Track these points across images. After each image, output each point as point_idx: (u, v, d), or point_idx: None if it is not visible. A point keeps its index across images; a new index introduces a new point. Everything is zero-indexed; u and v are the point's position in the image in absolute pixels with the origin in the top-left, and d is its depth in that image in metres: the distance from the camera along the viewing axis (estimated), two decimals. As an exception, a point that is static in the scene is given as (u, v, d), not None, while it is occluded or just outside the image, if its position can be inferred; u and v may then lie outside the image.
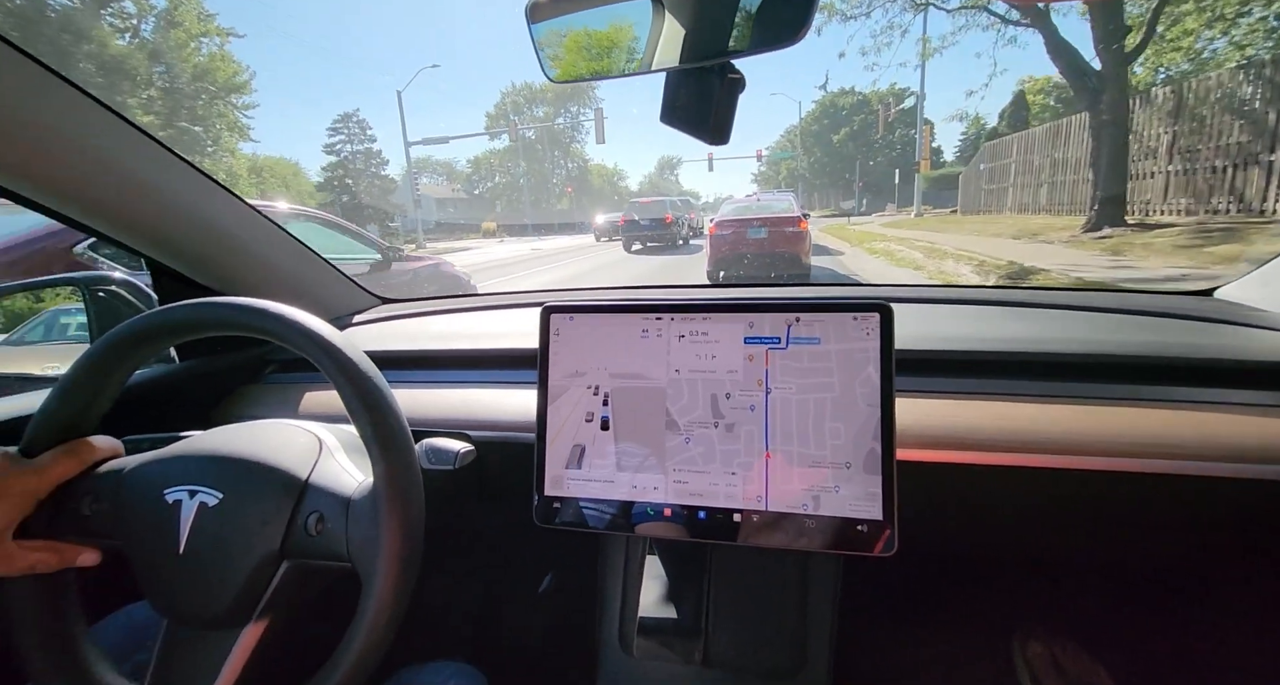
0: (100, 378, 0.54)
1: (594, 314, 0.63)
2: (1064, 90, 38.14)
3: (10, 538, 0.49)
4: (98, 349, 0.53)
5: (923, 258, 8.30)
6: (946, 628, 1.06)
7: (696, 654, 0.71)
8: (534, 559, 1.16)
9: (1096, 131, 8.60)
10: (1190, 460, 0.60)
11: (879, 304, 0.55)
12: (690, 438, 0.59)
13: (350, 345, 0.51)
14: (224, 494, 0.49)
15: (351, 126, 28.96)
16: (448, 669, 0.65)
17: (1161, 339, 0.73)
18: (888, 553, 0.53)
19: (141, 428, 0.65)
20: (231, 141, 23.54)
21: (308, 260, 1.03)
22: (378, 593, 0.45)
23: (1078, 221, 10.25)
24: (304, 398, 0.89)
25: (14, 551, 0.49)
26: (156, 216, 0.78)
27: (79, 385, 0.53)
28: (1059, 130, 12.36)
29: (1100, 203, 8.50)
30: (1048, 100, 35.72)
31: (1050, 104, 34.73)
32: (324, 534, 0.49)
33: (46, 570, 0.51)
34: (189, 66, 21.85)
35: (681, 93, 0.52)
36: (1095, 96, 8.35)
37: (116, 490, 0.52)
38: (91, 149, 0.67)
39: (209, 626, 0.49)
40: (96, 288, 1.03)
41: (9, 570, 0.49)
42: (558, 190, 59.68)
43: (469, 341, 0.93)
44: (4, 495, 0.48)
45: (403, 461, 0.48)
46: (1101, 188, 8.51)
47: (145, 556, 0.50)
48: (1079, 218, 10.88)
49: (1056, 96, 35.97)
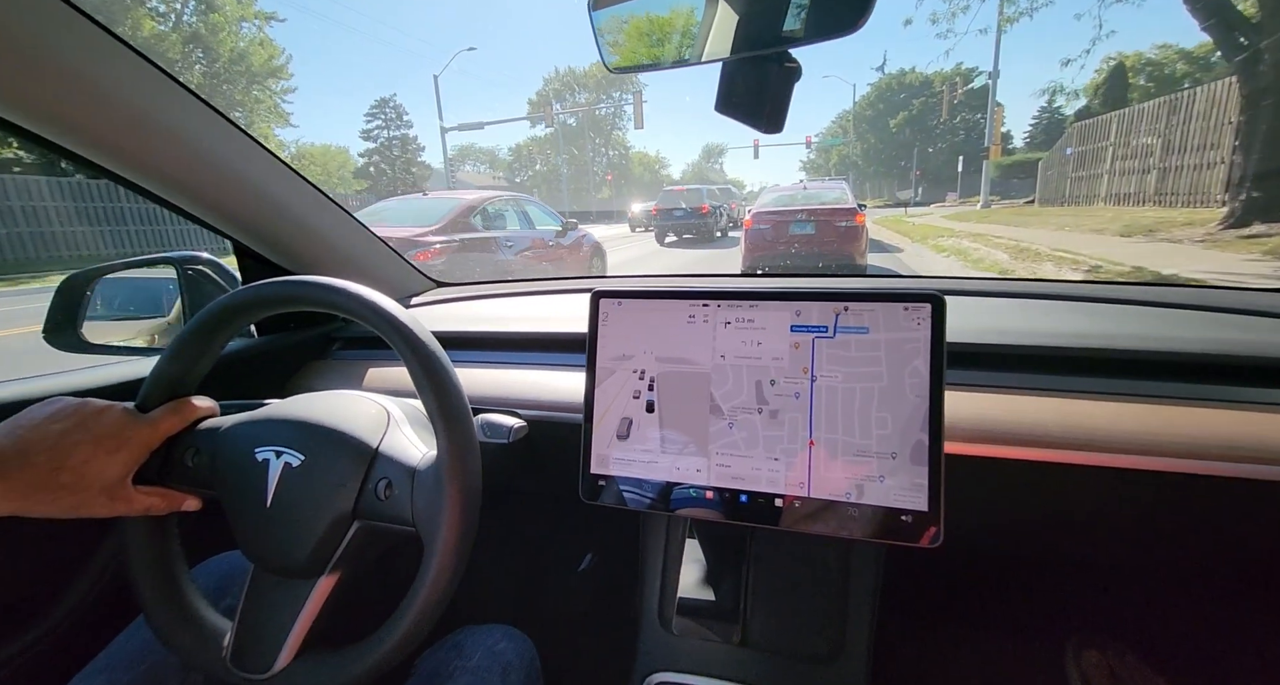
0: (203, 344, 0.59)
1: (642, 299, 0.64)
2: (1157, 68, 34.02)
3: (130, 483, 0.54)
4: (203, 317, 0.58)
5: (1008, 260, 6.75)
6: (993, 629, 1.05)
7: (735, 635, 0.75)
8: (580, 534, 1.23)
9: (1251, 101, 6.73)
10: (1269, 465, 0.57)
11: (931, 294, 0.54)
12: (734, 423, 0.59)
13: (419, 324, 0.54)
14: (305, 456, 0.54)
15: (388, 112, 28.70)
16: (499, 631, 0.68)
17: (1241, 337, 0.69)
18: (934, 545, 0.52)
19: (228, 395, 0.67)
20: (267, 127, 23.55)
21: (373, 244, 1.07)
22: (439, 555, 0.48)
23: (1203, 214, 8.35)
24: (368, 373, 0.95)
25: (133, 495, 0.54)
26: (240, 201, 0.83)
27: (186, 349, 0.58)
28: (1178, 104, 10.29)
29: (1249, 193, 6.68)
30: (1137, 80, 31.96)
31: (1141, 84, 31.01)
32: (391, 499, 0.52)
33: (158, 513, 0.57)
34: (226, 50, 21.71)
35: (738, 82, 0.52)
36: (1250, 56, 6.52)
37: (214, 446, 0.57)
38: (191, 141, 0.73)
39: (289, 575, 0.53)
40: (188, 266, 1.10)
41: (129, 510, 0.54)
42: (598, 178, 58.85)
43: (520, 324, 0.96)
44: (125, 445, 0.53)
45: (464, 436, 0.51)
46: (1252, 173, 6.68)
47: (237, 507, 0.54)
48: (1204, 210, 8.93)
49: (1148, 75, 32.06)
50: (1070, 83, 31.86)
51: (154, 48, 19.43)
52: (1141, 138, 11.44)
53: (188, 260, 1.12)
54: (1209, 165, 9.37)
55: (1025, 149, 39.56)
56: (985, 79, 19.22)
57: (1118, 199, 12.29)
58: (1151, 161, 11.06)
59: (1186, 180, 9.92)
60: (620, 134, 60.50)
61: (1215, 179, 9.18)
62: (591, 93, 55.06)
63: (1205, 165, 9.45)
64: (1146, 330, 0.74)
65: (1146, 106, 11.54)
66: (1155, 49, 33.27)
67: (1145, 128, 11.35)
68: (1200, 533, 0.69)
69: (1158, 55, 32.89)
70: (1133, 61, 30.28)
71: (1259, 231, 6.28)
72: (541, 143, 57.49)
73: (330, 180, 31.43)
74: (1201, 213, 8.60)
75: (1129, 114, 12.32)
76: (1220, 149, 9.03)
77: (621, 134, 60.71)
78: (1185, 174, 9.98)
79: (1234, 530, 0.66)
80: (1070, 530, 0.73)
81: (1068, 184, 14.96)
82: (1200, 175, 9.58)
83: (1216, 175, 9.15)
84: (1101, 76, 26.70)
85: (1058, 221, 10.64)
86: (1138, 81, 29.91)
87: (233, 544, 0.56)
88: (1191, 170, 9.80)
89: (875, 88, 47.87)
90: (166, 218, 13.97)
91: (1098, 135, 13.47)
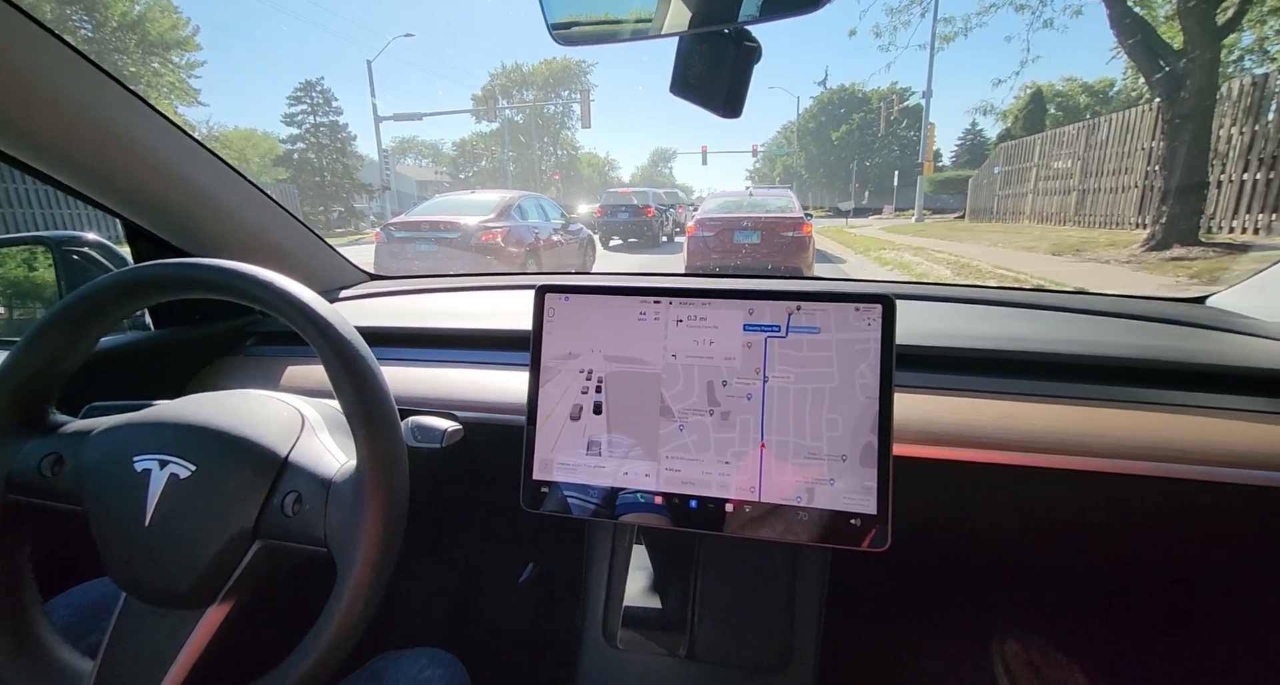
0: (71, 334, 0.51)
1: (590, 295, 0.61)
2: (1065, 98, 37.08)
3: None
4: (71, 302, 0.51)
5: (952, 276, 6.72)
6: (931, 628, 1.06)
7: (681, 647, 0.73)
8: (518, 544, 1.16)
9: (1172, 126, 6.97)
10: (1188, 464, 0.60)
11: (881, 295, 0.55)
12: (684, 425, 0.58)
13: (337, 315, 0.50)
14: (197, 466, 0.47)
15: (315, 96, 26.58)
16: (425, 656, 0.63)
17: (1159, 343, 0.74)
18: (879, 548, 0.52)
19: (111, 396, 0.61)
20: (169, 104, 21.05)
21: (295, 230, 1.00)
22: (353, 581, 0.43)
23: (1120, 236, 8.75)
24: (285, 371, 0.87)
25: None
26: (135, 174, 0.74)
27: (47, 339, 0.50)
28: (1095, 128, 10.81)
29: (1170, 215, 6.90)
30: (1048, 108, 34.49)
31: (1052, 112, 33.53)
32: (300, 515, 0.47)
33: None
34: (115, 14, 19.30)
35: (695, 61, 0.51)
36: (1172, 83, 6.74)
37: (80, 454, 0.50)
38: (65, 98, 0.62)
39: (170, 604, 0.47)
40: (69, 248, 0.97)
41: None
42: (545, 178, 57.74)
43: (460, 320, 0.92)
44: None
45: (388, 442, 0.47)
46: (1173, 197, 6.91)
47: (108, 526, 0.48)
48: (1120, 232, 9.38)
49: (1058, 104, 34.80)
50: (1000, 103, 34.14)
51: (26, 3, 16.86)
52: (1062, 161, 12.00)
53: (67, 241, 0.96)
54: (1123, 189, 9.85)
55: (952, 166, 41.93)
56: (919, 98, 20.04)
57: (1041, 217, 12.89)
58: (1072, 183, 11.62)
59: (1104, 202, 10.44)
60: (569, 134, 59.64)
61: (1129, 202, 9.66)
62: (539, 90, 53.95)
63: (1120, 189, 9.93)
64: (1074, 335, 0.77)
65: (1067, 130, 12.15)
66: (1063, 81, 36.27)
67: (1065, 151, 11.92)
68: (1118, 531, 0.72)
69: (1065, 86, 35.85)
70: (1046, 91, 32.71)
71: (1180, 254, 6.50)
72: (487, 139, 55.83)
73: (249, 168, 28.79)
74: (1121, 234, 9.01)
75: (1051, 137, 12.95)
76: (1133, 174, 9.50)
77: (570, 134, 59.87)
78: (1102, 196, 10.51)
79: (1152, 529, 0.70)
80: (1000, 531, 0.77)
81: (996, 201, 15.65)
82: (1115, 198, 10.09)
83: (1130, 199, 9.63)
84: (1021, 102, 28.58)
85: (990, 237, 10.99)
86: (1049, 110, 32.30)
87: (101, 571, 0.49)
88: (1108, 193, 10.31)
89: (818, 101, 49.45)
90: (35, 198, 11.88)
91: (1023, 156, 14.13)
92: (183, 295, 0.52)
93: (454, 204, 7.37)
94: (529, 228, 7.21)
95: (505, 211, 6.87)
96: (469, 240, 6.40)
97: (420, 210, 7.52)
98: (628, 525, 0.74)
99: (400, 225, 6.88)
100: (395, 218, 8.04)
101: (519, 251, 6.85)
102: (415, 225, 6.72)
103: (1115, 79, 29.70)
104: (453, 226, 6.48)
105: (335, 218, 24.88)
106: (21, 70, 0.58)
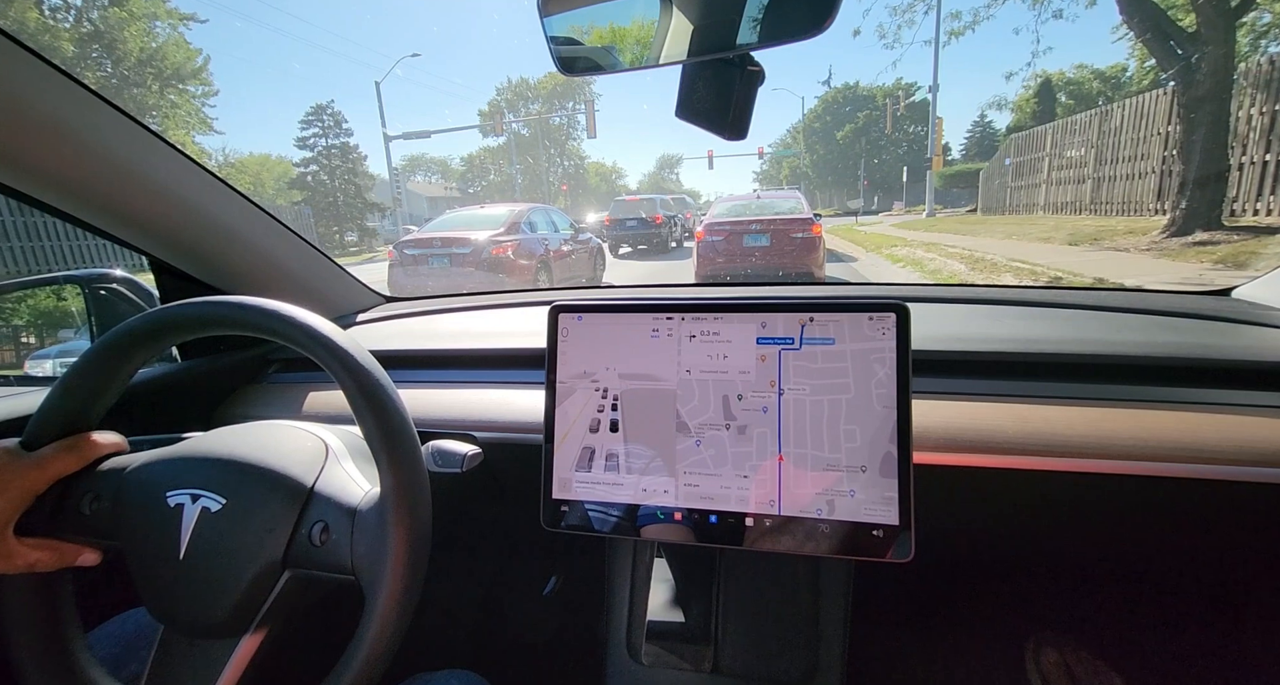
0: (105, 373, 0.53)
1: (603, 313, 0.61)
2: (1077, 86, 36.46)
3: (10, 533, 0.48)
4: (104, 343, 0.53)
5: (966, 271, 6.62)
6: (961, 635, 1.04)
7: (706, 661, 0.73)
8: (540, 561, 1.16)
9: (1189, 109, 6.82)
10: (1215, 464, 0.58)
11: (895, 303, 0.54)
12: (701, 440, 0.58)
13: (354, 344, 0.50)
14: (227, 499, 0.48)
15: (326, 119, 27.19)
16: (455, 679, 0.63)
17: (1182, 340, 0.71)
18: (903, 559, 0.52)
19: (143, 428, 0.63)
20: (186, 134, 21.67)
21: (311, 257, 1.02)
22: (381, 608, 0.44)
23: (1139, 223, 8.55)
24: (307, 398, 0.88)
25: (14, 548, 0.48)
26: (157, 212, 0.77)
27: (84, 379, 0.52)
28: (1108, 115, 10.62)
29: (1189, 200, 6.73)
30: (1059, 96, 33.98)
31: (1063, 100, 33.00)
32: (328, 545, 0.47)
33: (45, 569, 0.50)
34: (134, 49, 19.97)
35: (699, 86, 0.51)
36: (1187, 66, 6.60)
37: (118, 490, 0.51)
38: (91, 142, 0.65)
39: (206, 635, 0.48)
40: (98, 285, 1.00)
41: (8, 567, 0.48)
42: (553, 189, 58.17)
43: (475, 341, 0.92)
44: (3, 489, 0.47)
45: (410, 469, 0.47)
46: (1192, 182, 6.75)
47: (144, 560, 0.49)
48: (1138, 219, 9.16)
49: (1069, 93, 34.22)
50: (1011, 95, 33.75)
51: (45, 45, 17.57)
52: (1075, 149, 11.79)
53: (97, 279, 0.98)
54: (1140, 175, 9.64)
55: (962, 160, 41.41)
56: (926, 93, 19.85)
57: (1055, 208, 12.67)
58: (1086, 172, 11.42)
59: (1120, 190, 10.24)
60: (575, 145, 60.10)
61: (1147, 189, 9.46)
62: (545, 103, 54.51)
63: (1137, 175, 9.73)
64: (1092, 334, 0.75)
65: (1079, 118, 11.95)
66: (1074, 68, 35.71)
67: (1078, 139, 11.72)
68: (1147, 533, 0.70)
69: (1076, 74, 35.27)
70: (1056, 79, 32.26)
71: (1203, 239, 6.34)
72: (495, 153, 56.46)
73: (264, 191, 29.39)
74: (1139, 221, 8.81)
75: (1062, 126, 12.75)
76: (1150, 160, 9.30)
77: (576, 145, 60.32)
78: (1118, 184, 10.30)
79: (1181, 530, 0.68)
80: (1028, 535, 0.74)
81: (1008, 193, 15.43)
82: (1132, 185, 9.88)
83: (1148, 185, 9.42)
84: (1030, 92, 28.22)
85: (1004, 230, 10.81)
86: (1060, 99, 31.82)
87: (138, 602, 0.50)
88: (1124, 180, 10.11)
89: (822, 101, 49.30)
90: (58, 232, 12.29)
91: (1034, 146, 13.93)
92: (206, 333, 0.53)
93: (464, 219, 7.49)
94: (539, 240, 7.27)
95: (515, 225, 6.98)
96: (480, 255, 6.48)
97: (431, 227, 7.63)
98: (647, 541, 0.73)
99: (412, 242, 6.97)
100: (407, 236, 8.15)
101: (530, 264, 6.90)
102: (427, 242, 6.80)
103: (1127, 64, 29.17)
104: (464, 242, 6.55)
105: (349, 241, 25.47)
106: (50, 121, 0.61)
